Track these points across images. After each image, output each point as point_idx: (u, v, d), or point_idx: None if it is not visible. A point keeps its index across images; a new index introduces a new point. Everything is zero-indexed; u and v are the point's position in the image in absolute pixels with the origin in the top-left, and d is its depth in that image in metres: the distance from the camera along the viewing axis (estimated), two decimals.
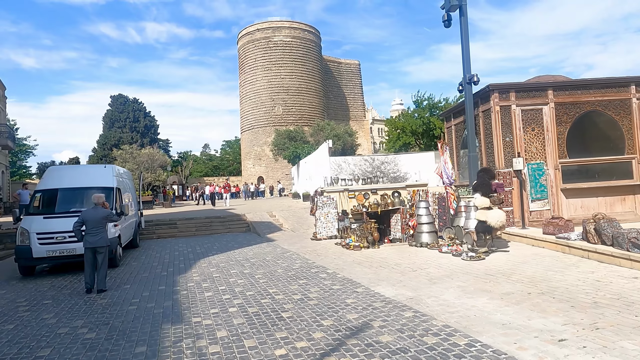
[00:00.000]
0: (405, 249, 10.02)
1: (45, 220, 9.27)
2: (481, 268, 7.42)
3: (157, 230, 16.26)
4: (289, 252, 10.69)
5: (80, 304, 6.57)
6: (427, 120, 38.02)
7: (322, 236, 12.62)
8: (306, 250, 10.71)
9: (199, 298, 6.51)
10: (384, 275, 7.36)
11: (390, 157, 19.69)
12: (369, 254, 9.62)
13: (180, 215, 19.31)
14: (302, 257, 9.73)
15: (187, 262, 10.02)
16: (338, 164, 19.04)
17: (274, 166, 59.80)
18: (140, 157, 28.73)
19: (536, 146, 10.58)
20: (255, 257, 10.12)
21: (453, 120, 13.16)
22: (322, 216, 12.76)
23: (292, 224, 16.30)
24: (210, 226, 16.96)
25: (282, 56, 63.95)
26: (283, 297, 6.29)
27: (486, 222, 8.45)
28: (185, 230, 16.41)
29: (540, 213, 10.41)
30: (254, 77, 64.39)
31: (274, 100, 63.00)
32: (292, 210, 19.44)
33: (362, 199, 13.01)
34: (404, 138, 38.98)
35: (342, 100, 77.11)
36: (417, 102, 38.99)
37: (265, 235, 14.45)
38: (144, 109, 66.10)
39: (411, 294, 6.01)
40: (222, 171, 76.61)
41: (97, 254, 7.24)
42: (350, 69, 79.80)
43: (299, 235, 13.96)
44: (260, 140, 62.08)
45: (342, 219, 12.71)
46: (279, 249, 11.38)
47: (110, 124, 63.14)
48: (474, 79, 10.66)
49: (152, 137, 64.94)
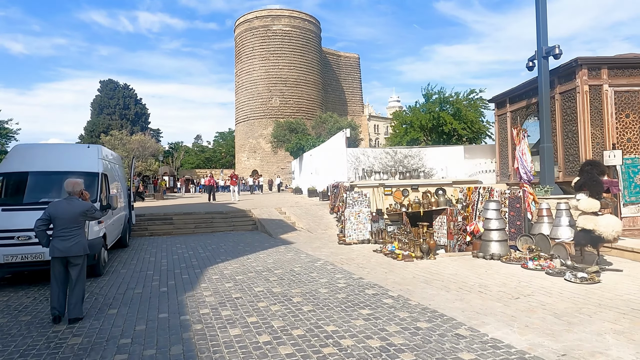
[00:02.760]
0: (470, 261, 7.92)
1: (4, 214, 6.96)
2: (612, 297, 5.35)
3: (150, 226, 13.96)
4: (319, 260, 8.53)
5: (39, 345, 4.33)
6: (437, 115, 36.17)
7: (352, 240, 10.47)
8: (340, 259, 8.56)
9: (223, 339, 4.32)
10: (478, 304, 5.25)
11: (414, 150, 17.57)
12: (428, 267, 7.50)
13: (176, 209, 17.01)
14: (340, 269, 7.57)
15: (192, 272, 7.81)
16: (356, 156, 16.87)
17: (270, 159, 57.44)
18: (130, 144, 26.27)
19: (630, 137, 8.53)
20: (279, 267, 7.94)
21: (509, 107, 11.09)
22: (352, 216, 10.60)
23: (306, 223, 14.13)
24: (211, 223, 14.71)
25: (281, 46, 61.45)
26: (352, 343, 4.13)
27: (594, 231, 6.39)
28: (183, 227, 14.15)
29: (634, 220, 8.39)
30: (251, 67, 61.78)
31: (271, 91, 60.51)
32: (303, 207, 17.25)
33: (400, 197, 10.90)
34: (412, 133, 37.04)
35: (340, 95, 74.89)
36: (427, 96, 37.06)
37: (279, 236, 12.27)
38: (134, 95, 63.20)
39: (554, 345, 3.91)
40: (215, 163, 73.98)
41: (71, 267, 5.00)
42: (350, 62, 77.57)
43: (319, 237, 11.80)
44: (256, 133, 59.62)
45: (376, 220, 10.59)
46: (303, 255, 9.22)
47: (99, 110, 60.14)
48: (554, 51, 8.55)
49: (142, 125, 62.12)
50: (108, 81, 61.89)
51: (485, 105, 32.82)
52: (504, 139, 11.09)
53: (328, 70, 70.75)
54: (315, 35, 64.41)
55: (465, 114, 33.17)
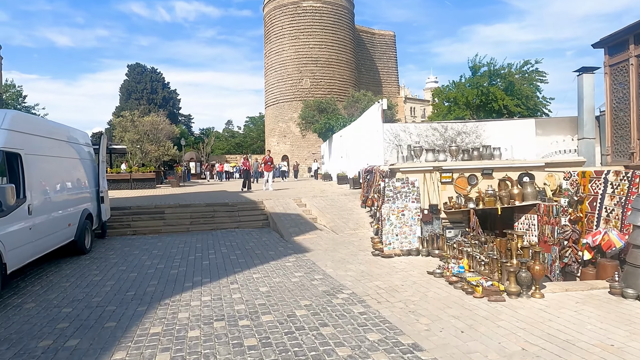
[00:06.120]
0: (612, 305, 4.43)
1: None
2: None
3: (134, 223, 11.11)
4: (341, 290, 5.27)
5: None
6: (486, 91, 31.84)
7: (393, 250, 7.11)
8: (376, 290, 5.27)
9: None
10: None
11: (470, 125, 13.89)
12: (541, 320, 4.09)
13: (174, 199, 14.12)
14: (375, 318, 4.29)
15: (130, 311, 4.73)
16: (395, 133, 13.38)
17: (300, 144, 54.33)
18: (143, 125, 23.78)
19: None
20: (273, 304, 4.74)
21: (634, 49, 7.30)
22: (392, 214, 7.22)
23: (331, 218, 10.87)
24: (212, 218, 11.71)
25: (312, 24, 57.61)
26: None
27: None
28: (176, 224, 11.22)
29: None
30: (280, 47, 58.40)
31: (301, 72, 57.03)
32: (328, 196, 13.99)
33: (466, 186, 7.40)
34: (457, 111, 32.84)
35: (374, 75, 70.51)
36: (474, 69, 32.61)
37: (293, 239, 9.09)
38: (162, 79, 61.37)
39: None
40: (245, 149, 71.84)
41: None
42: (385, 40, 72.82)
43: (345, 242, 8.52)
44: (286, 116, 56.49)
45: (429, 221, 7.19)
46: (318, 276, 5.98)
47: (127, 95, 58.76)
48: None
49: (171, 110, 60.38)
50: (135, 65, 60.41)
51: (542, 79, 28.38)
52: (623, 99, 7.33)
53: (362, 50, 66.52)
54: (347, 12, 60.22)
55: (520, 88, 28.88)
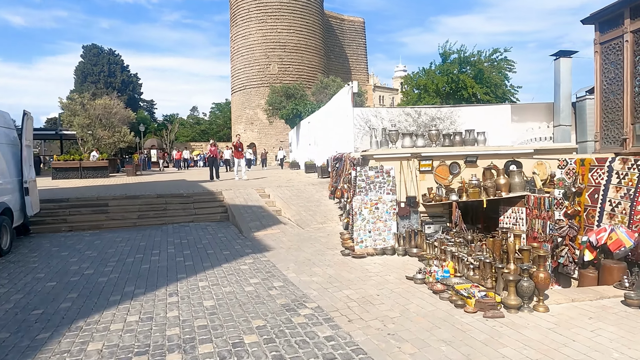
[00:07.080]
0: (628, 319, 3.67)
1: None
2: None
3: (71, 217, 9.74)
4: (304, 302, 4.30)
5: None
6: (456, 78, 31.48)
7: (365, 249, 6.20)
8: (346, 301, 4.34)
9: None
10: None
11: (444, 110, 13.14)
12: (550, 341, 3.25)
13: (123, 190, 12.72)
14: (345, 341, 3.35)
15: (55, 339, 3.60)
16: (366, 118, 12.46)
17: (268, 131, 52.85)
18: (93, 109, 21.87)
19: None
20: (217, 328, 3.72)
21: (630, 24, 6.60)
22: (364, 208, 6.29)
23: (296, 211, 9.88)
24: (163, 211, 10.47)
25: (279, 7, 55.72)
26: None
27: None
28: (121, 218, 9.92)
29: None
30: (247, 31, 56.25)
31: (268, 57, 55.20)
32: (294, 186, 12.96)
33: (447, 176, 6.56)
34: (427, 99, 32.37)
35: (344, 62, 69.49)
36: (444, 55, 32.11)
37: (252, 235, 8.04)
38: (121, 62, 58.04)
39: None
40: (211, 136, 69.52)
41: None
42: (354, 27, 71.77)
43: (311, 238, 7.56)
44: (253, 103, 54.71)
45: (405, 215, 6.32)
46: (278, 283, 4.99)
47: (83, 78, 55.19)
48: None
49: (131, 94, 57.32)
50: (91, 46, 56.84)
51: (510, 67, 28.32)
52: (615, 80, 6.65)
53: (331, 36, 65.27)
54: None
55: (489, 76, 28.68)
